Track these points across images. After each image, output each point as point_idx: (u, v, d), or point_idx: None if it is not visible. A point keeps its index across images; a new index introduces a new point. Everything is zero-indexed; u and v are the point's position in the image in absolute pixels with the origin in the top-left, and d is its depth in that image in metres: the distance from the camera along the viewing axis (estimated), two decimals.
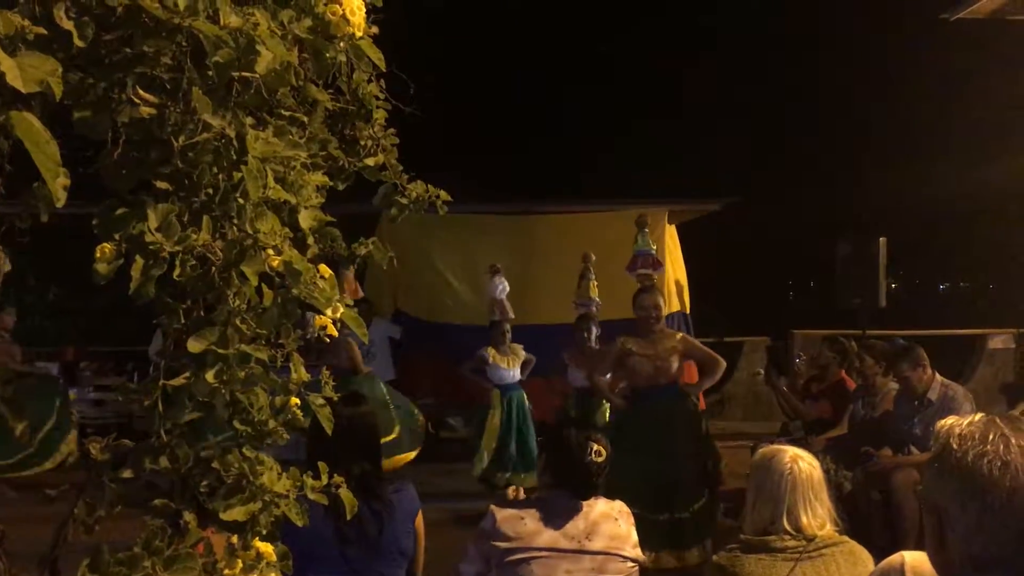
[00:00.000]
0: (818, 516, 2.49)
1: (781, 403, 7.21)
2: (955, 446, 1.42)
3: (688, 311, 10.64)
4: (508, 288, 8.74)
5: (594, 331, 7.72)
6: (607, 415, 7.07)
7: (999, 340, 11.80)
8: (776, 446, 2.72)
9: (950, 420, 1.49)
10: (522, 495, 3.31)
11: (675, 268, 10.53)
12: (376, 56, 1.56)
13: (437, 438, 10.78)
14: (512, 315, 8.43)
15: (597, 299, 8.53)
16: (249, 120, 1.30)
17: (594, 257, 8.80)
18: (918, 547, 1.64)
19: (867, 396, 6.22)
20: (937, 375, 5.64)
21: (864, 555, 2.46)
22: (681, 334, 6.20)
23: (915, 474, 5.31)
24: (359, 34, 1.46)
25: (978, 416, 1.46)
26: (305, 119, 1.54)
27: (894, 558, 1.69)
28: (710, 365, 6.07)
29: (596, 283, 8.62)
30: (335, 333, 1.42)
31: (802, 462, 2.56)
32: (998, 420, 1.43)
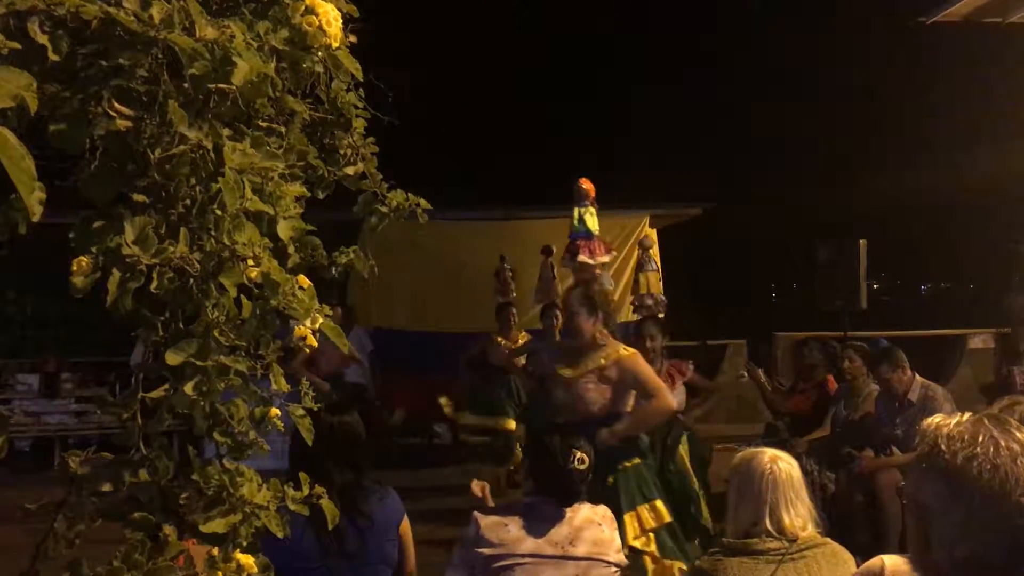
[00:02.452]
0: (800, 515, 2.51)
1: (761, 394, 7.26)
2: (943, 447, 1.40)
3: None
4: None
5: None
6: None
7: (979, 340, 11.90)
8: (755, 448, 2.73)
9: (937, 419, 1.48)
10: (487, 491, 3.20)
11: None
12: (353, 66, 1.56)
13: (429, 444, 10.78)
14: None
15: (661, 297, 8.20)
16: (226, 131, 1.29)
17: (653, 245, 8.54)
18: (901, 549, 1.64)
19: (849, 398, 6.26)
20: (917, 376, 5.69)
21: (846, 556, 2.48)
22: (628, 352, 4.46)
23: (898, 475, 5.34)
24: (336, 44, 1.47)
25: (966, 416, 1.45)
26: (283, 129, 1.54)
27: (874, 562, 1.70)
28: (648, 400, 4.37)
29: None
30: (314, 343, 1.42)
31: (781, 462, 2.58)
32: (986, 421, 1.42)
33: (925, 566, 1.45)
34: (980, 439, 1.38)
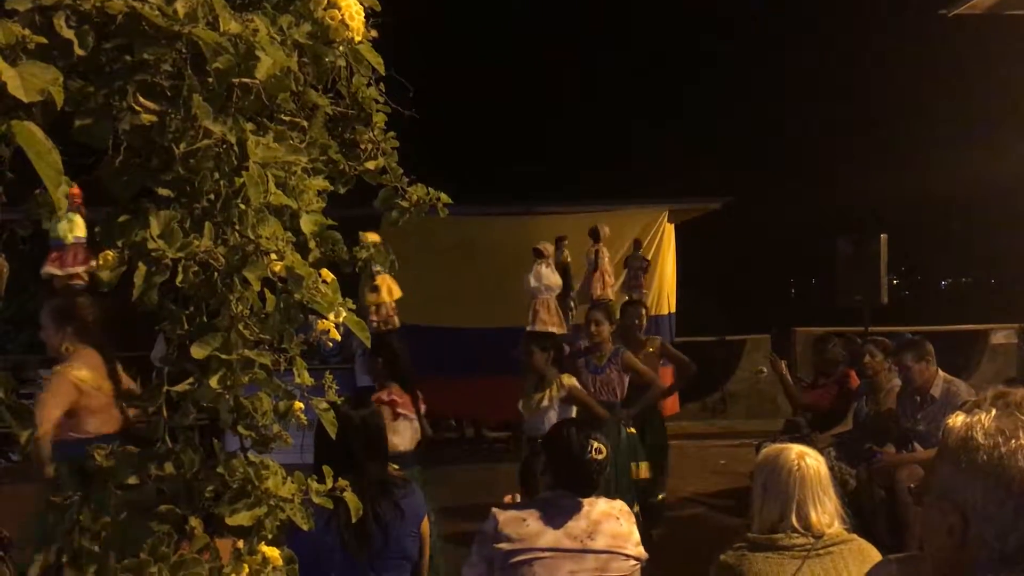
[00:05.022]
0: (827, 512, 2.49)
1: (783, 387, 7.21)
2: (982, 441, 1.38)
3: (673, 311, 10.58)
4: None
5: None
6: None
7: (1002, 335, 11.79)
8: (781, 444, 2.72)
9: (962, 416, 1.46)
10: (518, 499, 3.29)
11: (666, 269, 10.47)
12: (375, 60, 1.56)
13: (439, 439, 10.81)
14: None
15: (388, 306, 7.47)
16: (249, 126, 1.29)
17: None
18: (922, 544, 1.61)
19: (871, 393, 6.22)
20: (940, 372, 5.63)
21: (873, 553, 2.45)
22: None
23: (919, 471, 5.30)
24: (358, 38, 1.47)
25: (993, 410, 1.43)
26: (305, 124, 1.54)
27: (886, 569, 1.68)
28: None
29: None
30: (338, 337, 1.42)
31: (809, 458, 2.56)
32: (1017, 412, 1.40)
33: (953, 565, 1.42)
34: (1021, 431, 1.36)
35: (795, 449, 2.60)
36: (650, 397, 6.11)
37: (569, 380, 5.53)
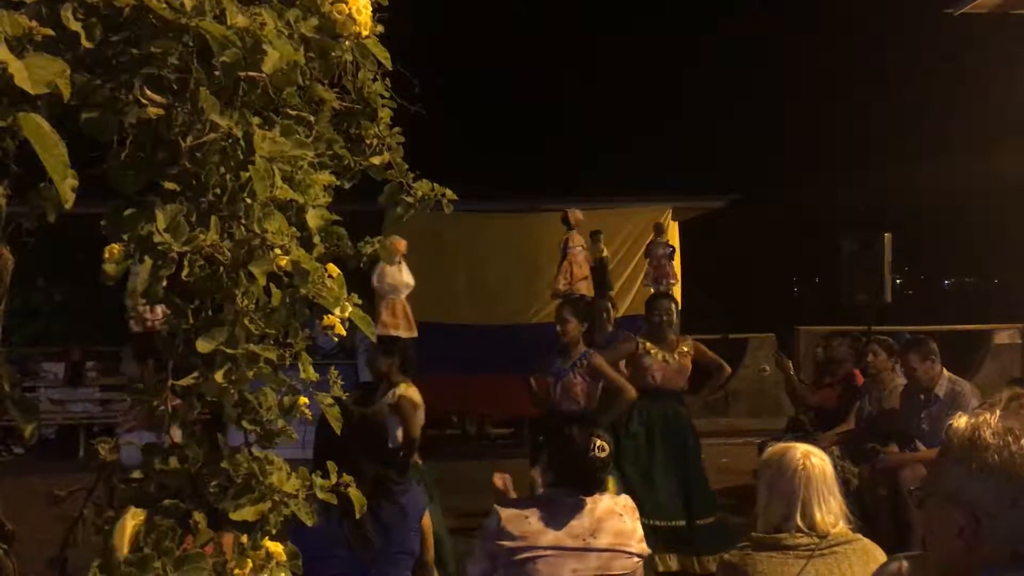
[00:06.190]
0: (832, 512, 2.49)
1: (788, 386, 7.21)
2: (991, 440, 1.38)
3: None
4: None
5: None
6: None
7: (1005, 335, 11.78)
8: (786, 443, 2.71)
9: (965, 418, 1.45)
10: (510, 483, 3.22)
11: None
12: (382, 55, 1.56)
13: (442, 436, 10.83)
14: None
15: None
16: (256, 120, 1.29)
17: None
18: (925, 544, 1.61)
19: (874, 392, 6.21)
20: (945, 371, 5.63)
21: (878, 553, 2.45)
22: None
23: (922, 470, 5.30)
24: (365, 33, 1.46)
25: (997, 411, 1.42)
26: (312, 118, 1.54)
27: (892, 565, 1.68)
28: None
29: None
30: (343, 332, 1.42)
31: (814, 458, 2.56)
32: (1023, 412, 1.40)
33: (963, 566, 1.41)
34: None
35: (800, 448, 2.60)
36: (618, 407, 5.47)
37: (405, 390, 5.08)
